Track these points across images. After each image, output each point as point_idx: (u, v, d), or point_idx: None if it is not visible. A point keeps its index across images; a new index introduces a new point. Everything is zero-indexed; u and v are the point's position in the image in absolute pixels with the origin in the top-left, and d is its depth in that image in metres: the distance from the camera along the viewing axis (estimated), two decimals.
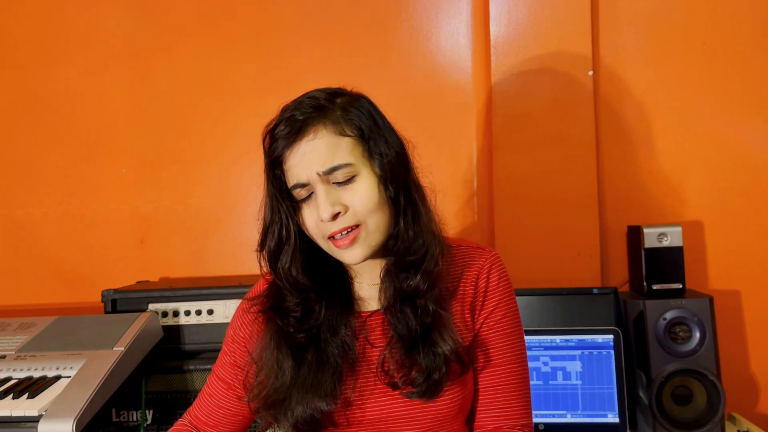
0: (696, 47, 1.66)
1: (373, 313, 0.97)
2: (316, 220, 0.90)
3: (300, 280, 0.94)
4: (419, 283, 0.91)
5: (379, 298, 0.96)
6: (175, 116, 1.82)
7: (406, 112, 1.74)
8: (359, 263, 0.92)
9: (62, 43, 1.85)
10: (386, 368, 0.92)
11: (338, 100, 0.91)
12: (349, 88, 0.96)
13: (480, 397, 0.97)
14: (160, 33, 1.82)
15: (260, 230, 0.95)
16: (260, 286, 1.02)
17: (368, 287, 0.99)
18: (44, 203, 1.87)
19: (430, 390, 0.89)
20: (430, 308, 0.91)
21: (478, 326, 0.97)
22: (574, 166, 1.64)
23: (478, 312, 0.97)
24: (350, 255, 0.90)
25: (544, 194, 1.64)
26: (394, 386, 0.91)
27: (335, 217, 0.88)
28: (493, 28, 1.66)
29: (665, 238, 1.52)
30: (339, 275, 0.99)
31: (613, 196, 1.69)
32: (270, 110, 0.93)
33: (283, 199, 0.92)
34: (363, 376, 0.94)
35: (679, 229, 1.52)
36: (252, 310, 0.98)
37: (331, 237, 0.90)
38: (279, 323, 0.94)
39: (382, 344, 0.94)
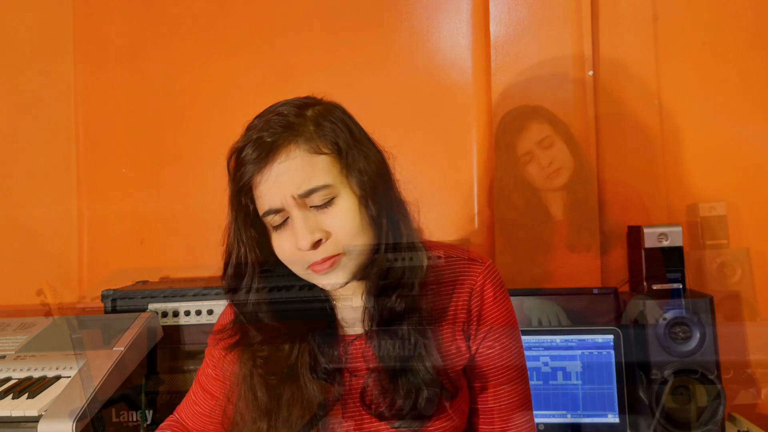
0: (696, 47, 1.66)
1: (357, 337, 0.91)
2: (293, 248, 0.81)
3: (262, 317, 0.86)
4: (398, 305, 0.85)
5: (363, 321, 0.88)
6: (175, 116, 1.82)
7: (406, 112, 1.77)
8: (340, 289, 0.87)
9: (62, 43, 1.85)
10: (370, 398, 0.87)
11: (309, 113, 0.83)
12: (320, 96, 0.88)
13: (482, 418, 0.94)
14: (160, 33, 1.82)
15: (224, 256, 0.89)
16: (227, 316, 0.95)
17: (351, 309, 0.92)
18: (44, 203, 1.86)
19: (417, 420, 0.85)
20: (413, 338, 0.85)
21: (474, 349, 0.91)
22: (574, 166, 1.63)
23: (473, 336, 0.91)
24: (329, 281, 0.84)
25: (544, 194, 1.64)
26: (380, 416, 0.86)
27: (316, 244, 0.80)
28: (493, 28, 1.66)
29: (665, 238, 1.51)
30: (319, 299, 0.92)
31: (613, 196, 1.68)
32: None
33: (248, 229, 0.85)
34: (349, 407, 0.89)
35: (679, 229, 1.51)
36: (218, 346, 0.91)
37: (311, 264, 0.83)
38: (248, 363, 0.89)
39: (366, 372, 0.89)
